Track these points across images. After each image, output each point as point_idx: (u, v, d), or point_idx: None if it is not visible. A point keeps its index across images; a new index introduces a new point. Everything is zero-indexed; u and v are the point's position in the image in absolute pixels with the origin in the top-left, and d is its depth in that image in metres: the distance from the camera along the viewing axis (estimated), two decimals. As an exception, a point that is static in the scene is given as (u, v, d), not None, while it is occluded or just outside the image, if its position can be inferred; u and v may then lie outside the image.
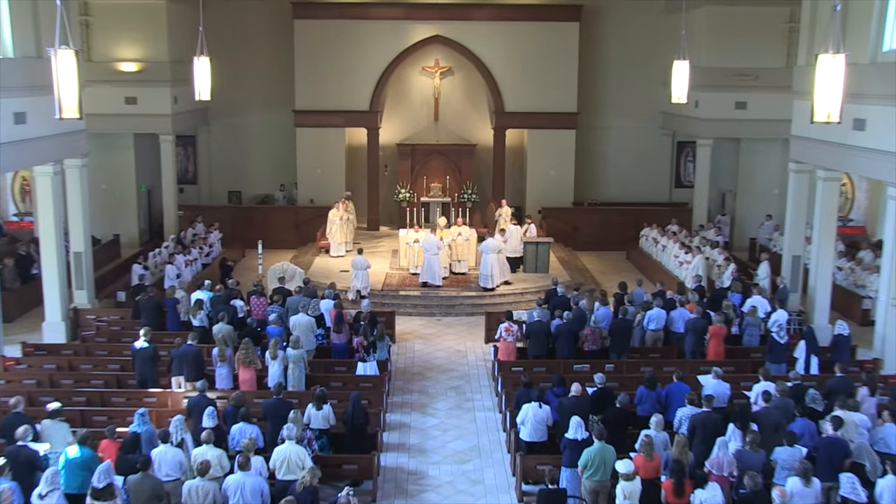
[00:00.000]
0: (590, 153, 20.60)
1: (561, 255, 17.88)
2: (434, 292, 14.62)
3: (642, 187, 20.67)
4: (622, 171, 20.73)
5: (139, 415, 7.53)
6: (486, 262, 14.50)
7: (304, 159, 19.46)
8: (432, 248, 14.49)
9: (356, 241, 18.19)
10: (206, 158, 20.71)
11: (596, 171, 20.76)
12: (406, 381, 11.11)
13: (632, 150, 20.65)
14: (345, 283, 14.79)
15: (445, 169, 19.99)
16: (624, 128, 20.52)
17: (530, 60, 19.08)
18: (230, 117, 20.45)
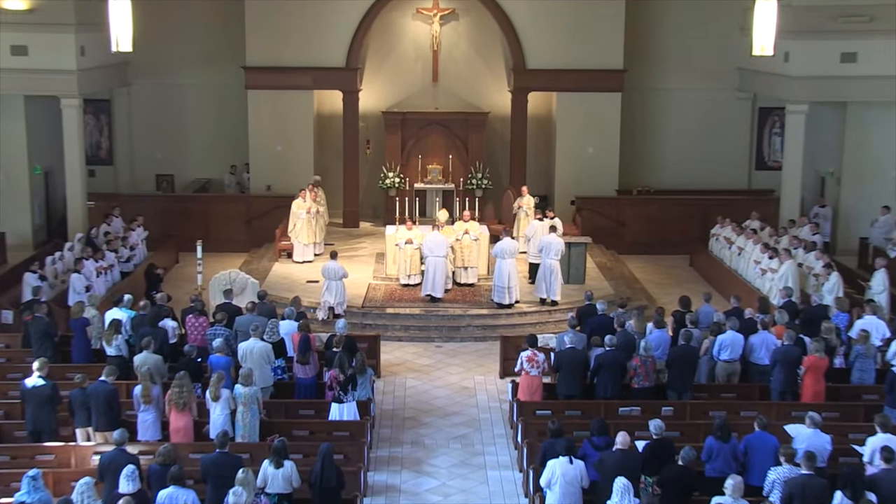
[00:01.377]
0: (640, 124, 20.69)
1: (601, 259, 18.02)
2: (433, 309, 14.81)
3: (712, 170, 20.72)
4: (684, 149, 20.78)
5: (29, 478, 7.22)
6: (501, 269, 14.63)
7: (259, 132, 19.60)
8: (439, 248, 14.73)
9: (328, 241, 18.42)
10: (126, 131, 20.77)
11: (649, 149, 20.83)
12: (395, 429, 11.20)
13: (697, 119, 20.72)
14: (313, 298, 15.00)
15: (447, 145, 20.18)
16: (687, 90, 20.58)
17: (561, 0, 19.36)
18: (158, 76, 20.50)
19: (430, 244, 14.86)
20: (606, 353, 10.59)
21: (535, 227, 16.00)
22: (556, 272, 14.54)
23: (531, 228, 16.00)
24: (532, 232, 15.85)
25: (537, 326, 14.40)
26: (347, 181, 19.96)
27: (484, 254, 16.09)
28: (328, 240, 18.43)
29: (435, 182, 19.86)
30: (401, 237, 15.64)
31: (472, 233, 15.70)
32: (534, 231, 15.83)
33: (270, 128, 19.51)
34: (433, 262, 14.80)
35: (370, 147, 20.63)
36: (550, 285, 14.59)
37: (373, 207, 20.89)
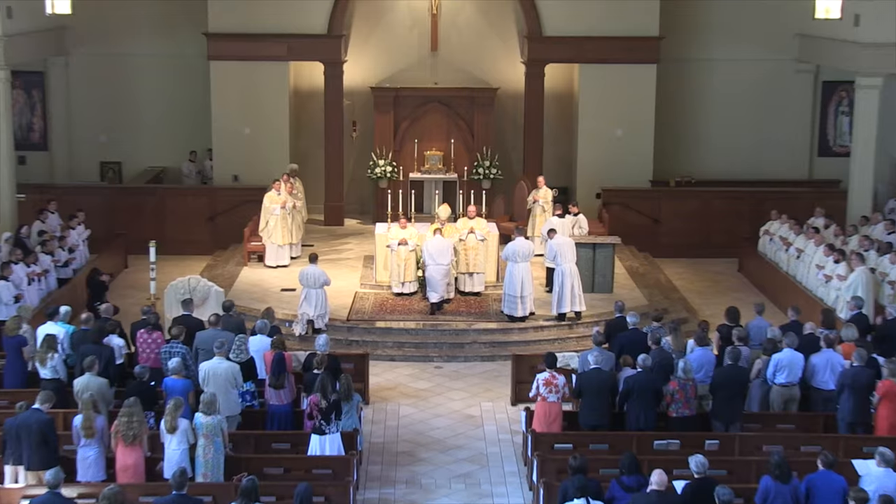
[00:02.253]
0: (679, 102, 20.72)
1: (632, 263, 18.10)
2: (431, 323, 14.89)
3: (765, 156, 20.77)
4: (732, 131, 20.79)
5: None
6: (513, 275, 14.70)
7: (224, 112, 19.68)
8: (442, 255, 14.94)
9: (307, 242, 18.56)
10: (64, 110, 20.77)
11: (689, 131, 20.90)
12: (386, 466, 11.25)
13: (748, 96, 20.73)
14: (289, 310, 15.08)
15: (449, 128, 20.29)
16: (736, 61, 20.60)
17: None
18: (103, 44, 20.50)
19: (432, 250, 14.99)
20: (638, 376, 10.61)
21: (553, 224, 16.05)
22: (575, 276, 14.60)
23: (548, 226, 16.02)
24: (543, 230, 15.96)
25: (556, 343, 14.45)
26: (330, 170, 20.02)
27: (492, 257, 16.16)
28: (307, 240, 18.51)
29: (434, 171, 19.96)
30: (393, 237, 15.70)
31: (479, 232, 15.75)
32: (544, 228, 15.95)
33: (238, 106, 19.57)
34: (435, 270, 14.93)
35: (357, 130, 20.71)
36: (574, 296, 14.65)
37: (360, 202, 20.96)
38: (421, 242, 15.68)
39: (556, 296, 14.67)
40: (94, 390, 10.06)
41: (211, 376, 10.61)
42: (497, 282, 16.04)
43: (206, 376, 10.64)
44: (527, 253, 14.71)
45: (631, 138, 19.73)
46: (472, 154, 19.94)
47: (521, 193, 18.50)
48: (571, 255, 14.67)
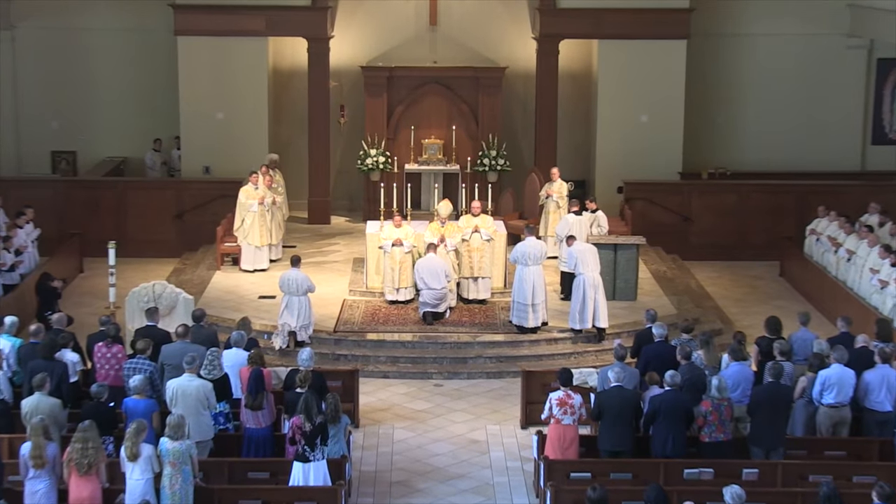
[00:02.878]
0: (713, 83, 20.78)
1: (659, 267, 18.15)
2: (429, 334, 14.94)
3: (811, 145, 20.82)
4: (773, 116, 20.84)
5: None
6: (523, 280, 14.75)
7: (193, 95, 19.72)
8: (435, 278, 15.03)
9: (288, 243, 18.62)
10: (10, 92, 20.69)
11: (724, 117, 20.97)
12: (379, 498, 11.23)
13: (792, 76, 20.76)
14: (268, 320, 15.14)
15: (450, 113, 20.38)
16: (778, 36, 20.64)
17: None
18: (53, 16, 20.50)
19: (423, 273, 15.11)
20: (666, 395, 10.60)
21: (568, 222, 16.10)
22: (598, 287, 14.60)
23: (564, 224, 16.10)
24: (564, 230, 15.96)
25: (572, 358, 14.46)
26: (314, 161, 20.09)
27: (500, 259, 16.19)
28: (288, 241, 18.56)
29: (433, 162, 20.02)
30: (387, 237, 15.75)
31: (484, 231, 15.80)
32: (568, 228, 15.93)
33: (209, 88, 19.63)
34: (428, 295, 14.98)
35: (345, 115, 20.76)
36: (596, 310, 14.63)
37: (349, 197, 21.01)
38: (418, 243, 15.74)
39: (576, 309, 14.66)
40: (44, 413, 10.02)
41: (179, 396, 10.62)
42: (505, 288, 16.08)
43: (174, 396, 10.64)
44: (538, 255, 14.75)
45: (657, 124, 19.79)
46: (477, 142, 19.98)
47: (533, 187, 18.55)
48: (594, 263, 14.67)
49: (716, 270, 18.65)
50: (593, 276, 14.58)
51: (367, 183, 19.93)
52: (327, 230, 19.82)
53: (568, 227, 15.95)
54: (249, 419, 10.90)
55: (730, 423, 10.61)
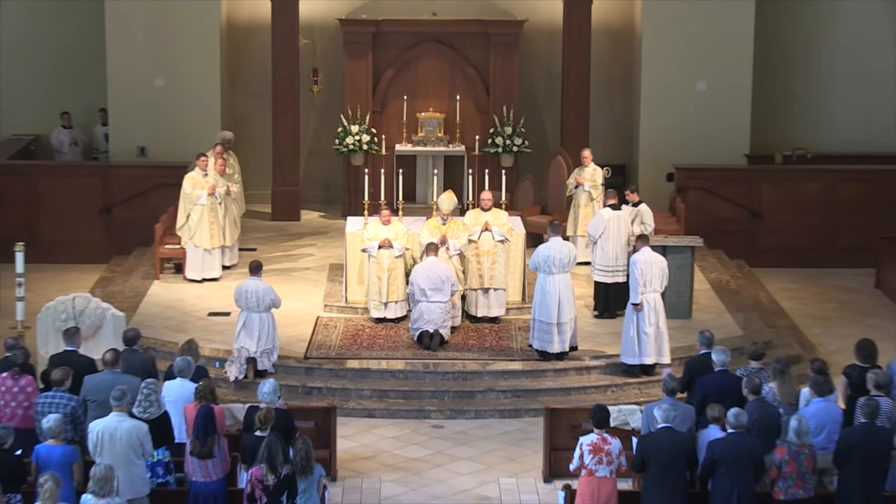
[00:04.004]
0: (790, 47, 20.95)
1: (720, 275, 18.22)
2: (427, 360, 14.97)
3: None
4: (865, 89, 20.99)
5: None
6: (546, 292, 14.77)
7: (124, 57, 19.83)
8: (438, 290, 15.05)
9: (247, 245, 18.78)
10: None
11: (804, 88, 21.07)
12: (362, 573, 11.28)
13: (888, 38, 20.84)
14: (220, 343, 15.16)
15: (453, 79, 20.55)
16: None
17: None
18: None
19: (422, 281, 15.04)
20: (729, 440, 10.57)
21: (603, 219, 16.10)
22: (660, 311, 14.52)
23: (598, 222, 16.11)
24: (599, 228, 15.97)
25: (609, 392, 14.51)
26: (280, 141, 20.19)
27: (517, 266, 16.23)
28: (247, 242, 18.65)
29: (431, 142, 20.10)
30: (372, 237, 15.79)
31: (497, 230, 15.82)
32: (603, 226, 15.95)
33: (145, 49, 19.74)
34: (427, 309, 15.07)
35: (319, 82, 20.84)
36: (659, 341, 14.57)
37: (324, 186, 21.13)
38: (413, 245, 15.79)
39: (631, 339, 14.59)
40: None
41: (107, 441, 10.55)
42: (523, 302, 16.14)
43: (100, 441, 10.57)
44: (566, 260, 14.74)
45: (718, 94, 19.88)
46: (487, 117, 20.02)
47: (559, 174, 18.57)
48: (660, 280, 14.60)
49: (793, 280, 18.70)
50: (655, 297, 14.50)
51: (347, 168, 19.98)
52: (296, 228, 19.88)
53: (603, 225, 15.94)
54: (196, 470, 10.85)
55: (811, 477, 10.55)
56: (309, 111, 20.70)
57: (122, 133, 19.97)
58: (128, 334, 12.70)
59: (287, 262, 18.13)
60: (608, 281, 15.92)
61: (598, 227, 15.96)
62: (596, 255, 16.00)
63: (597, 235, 15.74)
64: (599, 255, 15.94)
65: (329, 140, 20.24)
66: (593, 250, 16.15)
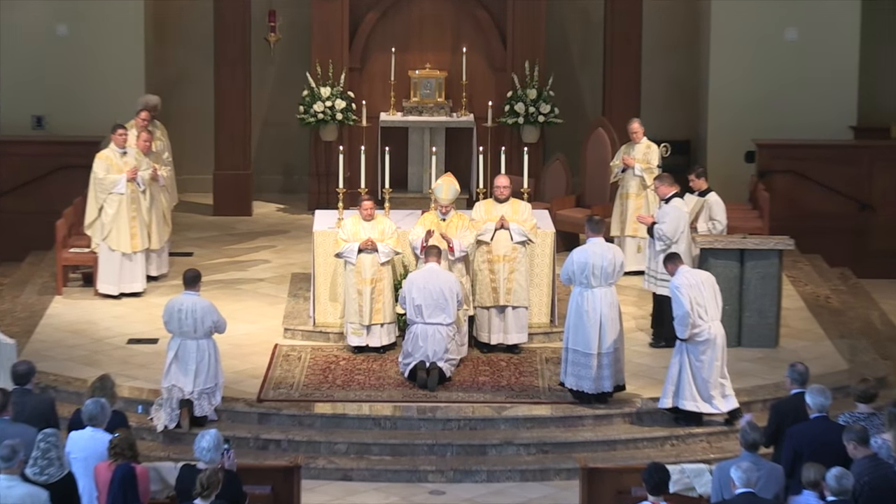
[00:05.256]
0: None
1: (818, 289, 18.24)
2: (424, 404, 14.99)
3: None
4: None
5: None
6: (584, 312, 14.78)
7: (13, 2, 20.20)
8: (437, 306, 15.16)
9: (179, 248, 18.87)
10: None
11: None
12: None
13: None
14: (146, 381, 15.11)
15: (458, 26, 20.71)
16: None
17: None
18: None
19: (418, 295, 15.15)
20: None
21: (682, 213, 16.09)
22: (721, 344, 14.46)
23: (676, 218, 15.94)
24: (679, 226, 15.89)
25: (668, 446, 14.58)
26: (224, 110, 20.30)
27: (543, 276, 16.37)
28: (180, 245, 18.74)
29: (429, 110, 20.23)
30: (350, 237, 15.83)
31: (517, 228, 15.85)
32: (684, 224, 15.96)
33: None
34: (423, 333, 15.16)
35: (277, 29, 20.96)
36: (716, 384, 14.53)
37: (283, 169, 21.34)
38: (404, 248, 15.84)
39: (678, 380, 14.57)
40: None
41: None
42: (552, 325, 16.30)
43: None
44: (609, 269, 14.71)
45: (815, 46, 20.00)
46: (504, 77, 20.13)
47: (600, 152, 18.64)
48: (715, 306, 14.53)
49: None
50: (714, 326, 14.45)
51: (315, 145, 20.13)
52: (247, 226, 19.99)
53: (684, 222, 15.96)
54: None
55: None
56: (264, 68, 20.78)
57: (13, 98, 20.07)
58: (18, 369, 12.57)
59: (235, 271, 18.17)
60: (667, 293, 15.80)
61: (679, 225, 15.94)
62: (652, 259, 16.03)
63: (675, 237, 15.76)
64: (651, 259, 16.00)
65: (291, 107, 20.31)
66: (649, 254, 16.17)
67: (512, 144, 18.29)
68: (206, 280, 15.15)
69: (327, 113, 19.82)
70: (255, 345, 16.06)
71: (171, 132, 18.98)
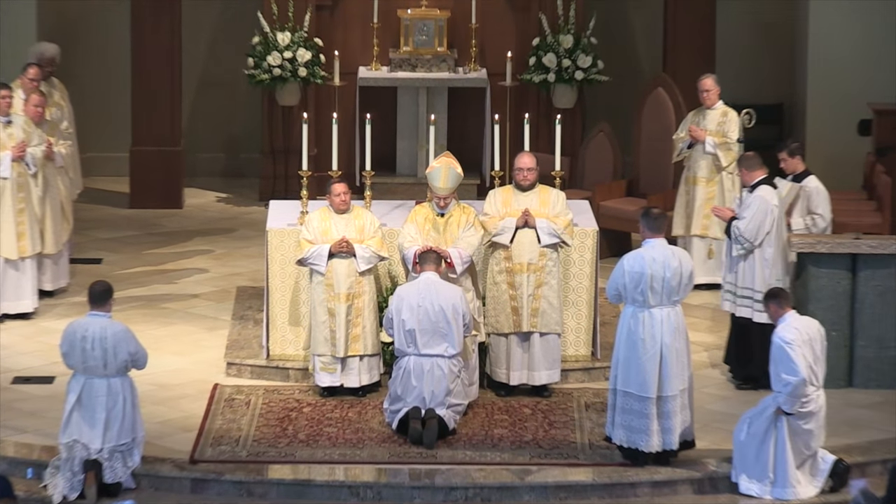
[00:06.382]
0: None
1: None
2: (417, 466, 14.97)
3: None
4: None
5: None
6: (637, 341, 14.73)
7: None
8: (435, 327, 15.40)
9: (84, 254, 18.96)
10: None
11: None
12: None
13: None
14: (35, 433, 15.14)
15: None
16: None
17: None
18: None
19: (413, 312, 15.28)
20: None
21: (771, 206, 16.11)
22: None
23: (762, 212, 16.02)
24: (765, 223, 15.93)
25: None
26: (144, 65, 20.42)
27: (583, 291, 16.41)
28: (86, 249, 18.87)
29: (424, 63, 20.40)
30: (317, 236, 15.92)
31: (546, 226, 15.89)
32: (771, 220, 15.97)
33: None
34: (418, 368, 15.26)
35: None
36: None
37: (227, 145, 21.59)
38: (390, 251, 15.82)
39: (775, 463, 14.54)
40: None
41: None
42: (594, 359, 16.38)
43: None
44: (674, 282, 14.66)
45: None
46: (528, 18, 20.26)
47: (660, 120, 18.84)
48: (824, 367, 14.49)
49: None
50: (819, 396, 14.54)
51: (269, 112, 20.30)
52: (176, 222, 20.17)
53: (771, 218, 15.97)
54: None
55: None
56: (199, 9, 20.79)
57: None
58: None
59: (160, 284, 18.20)
60: (757, 319, 15.90)
61: (763, 222, 16.00)
62: (731, 269, 16.07)
63: (758, 239, 15.81)
64: (761, 273, 15.95)
65: (236, 62, 20.44)
66: (727, 263, 16.20)
67: (539, 111, 18.29)
68: (119, 296, 15.13)
69: (286, 68, 19.86)
70: (188, 385, 16.07)
71: (74, 95, 19.06)
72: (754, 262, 15.93)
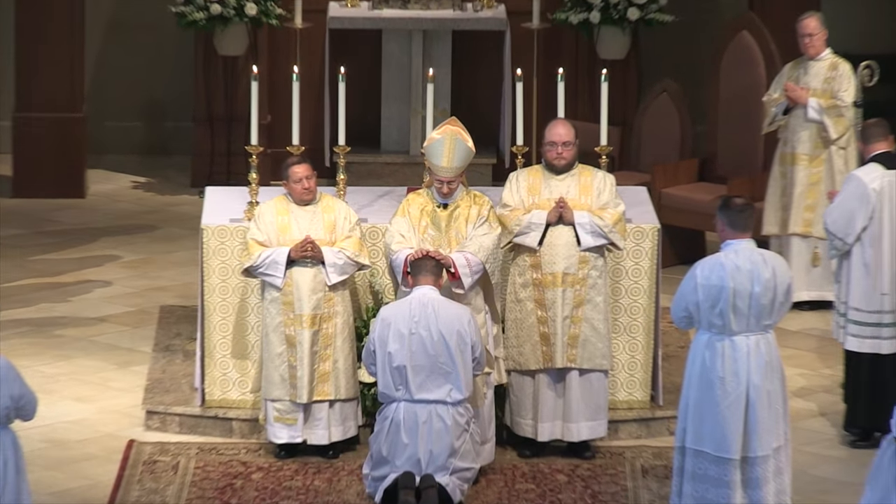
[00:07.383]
0: None
1: None
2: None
3: None
4: None
5: None
6: (715, 378, 14.42)
7: None
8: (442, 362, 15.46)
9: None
10: None
11: None
12: None
13: None
14: None
15: None
16: None
17: None
18: None
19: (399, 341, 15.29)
20: None
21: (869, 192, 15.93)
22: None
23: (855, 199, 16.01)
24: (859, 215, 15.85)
25: None
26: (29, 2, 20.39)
27: (639, 313, 16.45)
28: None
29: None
30: (269, 235, 15.69)
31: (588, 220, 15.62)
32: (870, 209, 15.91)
33: None
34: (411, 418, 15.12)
35: None
36: None
37: (144, 113, 21.61)
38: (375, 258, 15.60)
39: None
40: None
41: None
42: (657, 407, 16.31)
43: None
44: (765, 299, 14.42)
45: None
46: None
47: (744, 77, 18.76)
48: None
49: None
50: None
51: (204, 66, 20.27)
52: (77, 217, 20.22)
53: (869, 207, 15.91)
54: None
55: None
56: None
57: None
58: None
59: (54, 302, 18.06)
60: (879, 350, 15.85)
61: (857, 211, 15.84)
62: (848, 280, 15.84)
63: (850, 235, 15.48)
64: (859, 283, 15.74)
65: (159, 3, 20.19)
66: (839, 273, 15.96)
67: (579, 63, 18.07)
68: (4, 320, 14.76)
69: (229, 3, 19.62)
70: (93, 442, 15.89)
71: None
72: (850, 267, 15.86)
